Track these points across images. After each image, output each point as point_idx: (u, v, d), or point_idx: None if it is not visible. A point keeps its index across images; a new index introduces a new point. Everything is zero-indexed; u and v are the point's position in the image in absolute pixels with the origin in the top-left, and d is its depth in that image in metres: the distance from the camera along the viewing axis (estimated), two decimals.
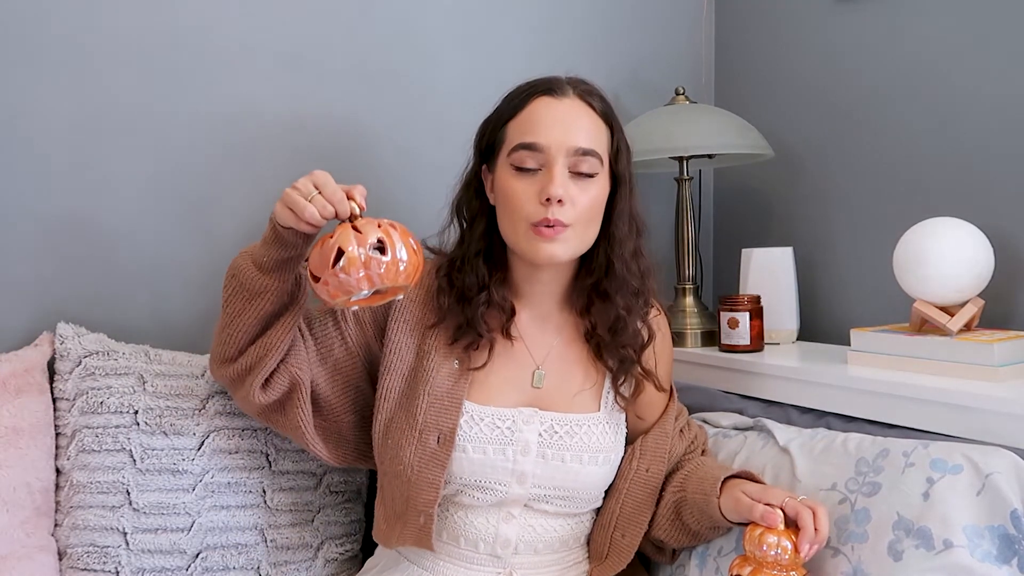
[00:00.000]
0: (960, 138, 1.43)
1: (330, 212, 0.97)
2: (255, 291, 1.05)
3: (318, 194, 0.98)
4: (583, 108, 1.12)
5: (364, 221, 0.97)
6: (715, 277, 1.92)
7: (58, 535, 1.23)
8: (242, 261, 1.07)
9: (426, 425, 1.11)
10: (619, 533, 1.18)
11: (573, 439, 1.14)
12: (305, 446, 1.18)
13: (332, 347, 1.17)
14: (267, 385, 1.11)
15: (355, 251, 0.93)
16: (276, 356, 1.09)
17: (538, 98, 1.12)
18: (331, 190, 0.98)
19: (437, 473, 1.10)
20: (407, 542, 1.13)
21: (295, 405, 1.14)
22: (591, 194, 1.11)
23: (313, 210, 0.96)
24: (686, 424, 1.27)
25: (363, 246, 0.94)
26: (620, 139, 1.15)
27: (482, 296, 1.15)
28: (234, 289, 1.07)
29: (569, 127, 1.10)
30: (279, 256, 1.03)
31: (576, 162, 1.09)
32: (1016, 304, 1.35)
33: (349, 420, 1.20)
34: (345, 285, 0.94)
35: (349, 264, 0.93)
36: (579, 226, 1.10)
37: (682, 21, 1.87)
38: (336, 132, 1.53)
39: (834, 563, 1.02)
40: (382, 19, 1.56)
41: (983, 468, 0.97)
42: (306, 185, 0.99)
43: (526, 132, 1.11)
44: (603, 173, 1.12)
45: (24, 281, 1.33)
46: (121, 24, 1.37)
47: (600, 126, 1.13)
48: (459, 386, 1.13)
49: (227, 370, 1.11)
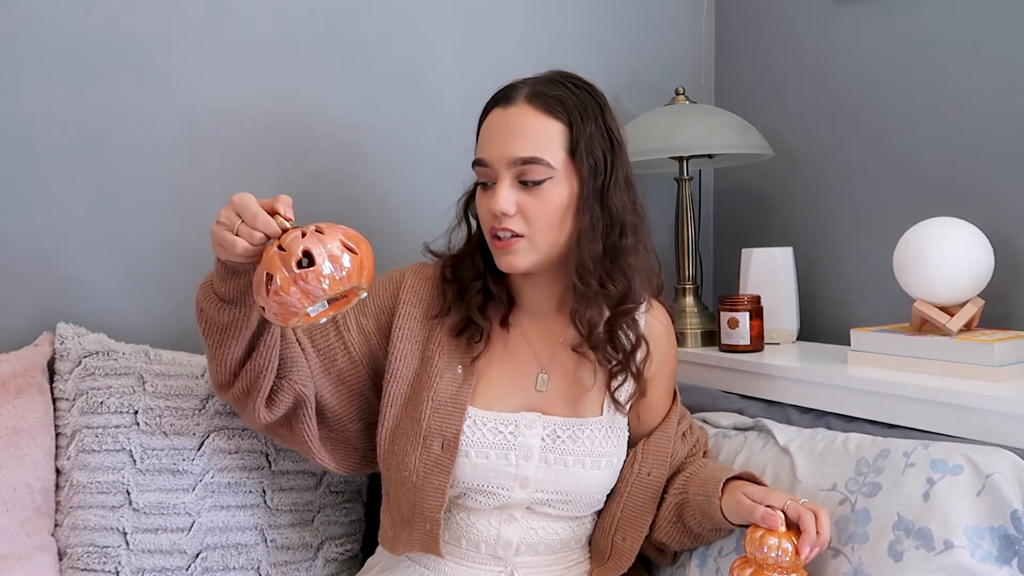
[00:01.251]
0: (960, 138, 1.43)
1: (259, 238, 0.93)
2: (225, 324, 1.03)
3: (241, 223, 0.93)
4: (529, 113, 1.08)
5: (289, 237, 0.91)
6: (715, 277, 1.92)
7: (58, 535, 1.23)
8: (203, 296, 1.04)
9: (430, 431, 1.11)
10: (620, 536, 1.17)
11: (576, 443, 1.13)
12: (312, 459, 1.18)
13: (335, 358, 1.16)
14: (271, 403, 1.10)
15: (283, 273, 0.89)
16: (270, 375, 1.08)
17: (492, 111, 1.12)
18: (251, 215, 0.92)
19: (442, 479, 1.10)
20: (415, 548, 1.13)
21: (301, 420, 1.14)
22: (546, 200, 1.07)
23: (242, 243, 0.92)
24: (688, 428, 1.26)
25: (288, 266, 0.89)
26: (585, 134, 1.08)
27: (477, 284, 1.15)
28: (205, 324, 1.05)
29: (510, 138, 1.08)
30: (236, 286, 1.00)
31: (521, 172, 1.07)
32: (1016, 304, 1.35)
33: (356, 428, 1.20)
34: (288, 307, 0.90)
35: (282, 287, 0.89)
36: (537, 235, 1.08)
37: (682, 21, 1.87)
38: (336, 132, 1.52)
39: (834, 564, 1.02)
40: (382, 19, 1.56)
41: (983, 468, 0.97)
42: (228, 216, 0.94)
43: (479, 148, 1.12)
44: (560, 175, 1.08)
45: (24, 281, 1.33)
46: (119, 25, 1.37)
47: (550, 127, 1.08)
48: (463, 391, 1.13)
49: (227, 394, 1.11)
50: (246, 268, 0.98)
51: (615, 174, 1.10)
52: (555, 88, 1.10)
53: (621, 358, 1.14)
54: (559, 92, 1.09)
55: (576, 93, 1.10)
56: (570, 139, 1.08)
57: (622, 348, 1.14)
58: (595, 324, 1.11)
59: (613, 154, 1.10)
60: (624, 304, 1.12)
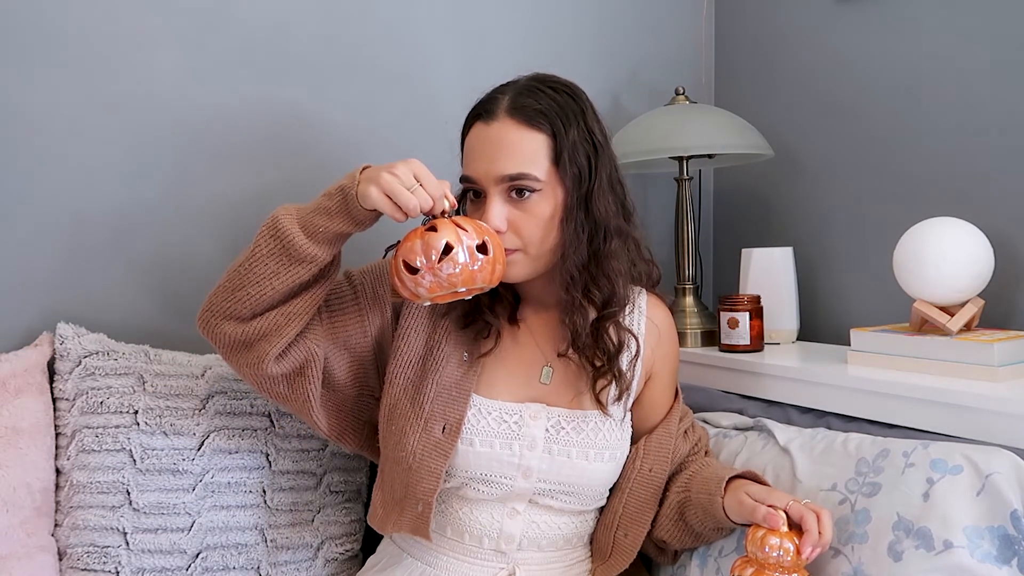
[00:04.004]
0: (960, 138, 1.43)
1: (429, 206, 0.97)
2: (299, 258, 1.01)
3: (419, 186, 0.97)
4: (512, 129, 1.07)
5: (463, 219, 0.99)
6: (715, 277, 1.92)
7: (58, 535, 1.23)
8: (288, 223, 1.01)
9: (432, 414, 1.11)
10: (622, 532, 1.18)
11: (580, 435, 1.14)
12: (306, 419, 1.16)
13: (347, 323, 1.14)
14: (281, 356, 1.07)
15: (462, 249, 0.95)
16: (297, 327, 1.05)
17: (473, 125, 1.12)
18: (434, 186, 0.98)
19: (439, 462, 1.10)
20: (403, 529, 1.12)
21: (307, 379, 1.11)
22: (535, 213, 1.08)
23: (416, 202, 0.96)
24: (691, 426, 1.26)
25: (468, 245, 0.95)
26: (568, 143, 1.07)
27: None
28: (272, 250, 1.01)
29: (495, 155, 1.07)
30: (339, 230, 1.01)
31: (509, 187, 1.08)
32: (1016, 304, 1.35)
33: (351, 394, 1.19)
34: (447, 281, 0.95)
35: (453, 261, 0.94)
36: (531, 246, 1.09)
37: (682, 21, 1.87)
38: (335, 132, 1.53)
39: (834, 564, 1.02)
40: (382, 19, 1.56)
41: (983, 468, 0.97)
42: (407, 175, 0.98)
43: (465, 163, 1.12)
44: (547, 187, 1.07)
45: (24, 281, 1.33)
46: (123, 22, 1.37)
47: (534, 140, 1.07)
48: (468, 378, 1.14)
49: (234, 329, 1.05)
50: (366, 222, 1.01)
51: (598, 179, 1.10)
52: (535, 97, 1.09)
53: (606, 360, 1.14)
54: (540, 102, 1.08)
55: (557, 99, 1.09)
56: (554, 149, 1.08)
57: (607, 350, 1.14)
58: (580, 329, 1.12)
59: (596, 158, 1.10)
60: (609, 308, 1.12)
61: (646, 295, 1.23)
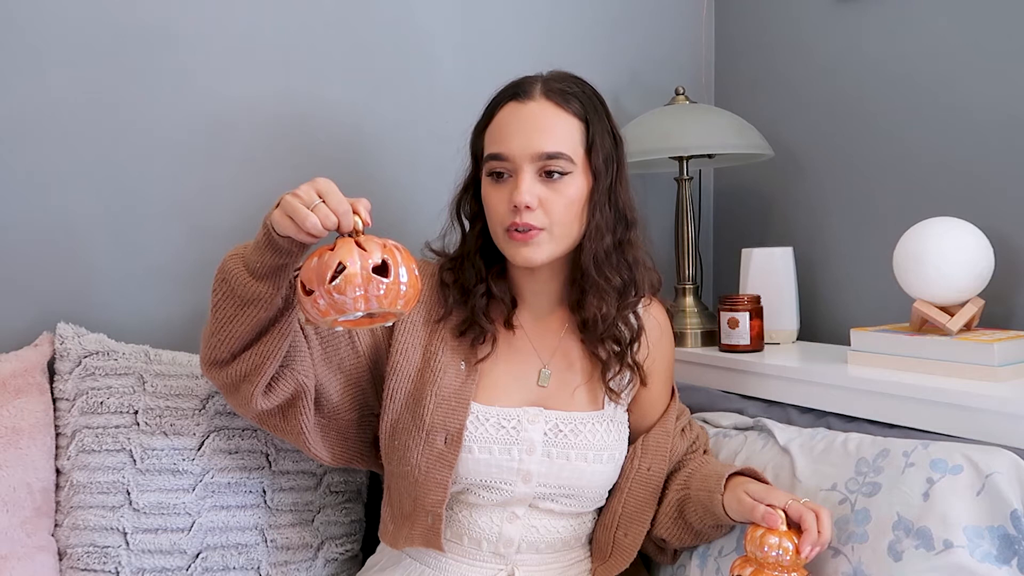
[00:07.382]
0: (960, 138, 1.43)
1: (333, 223, 0.91)
2: (247, 298, 0.99)
3: (321, 203, 0.91)
4: (549, 109, 1.10)
5: (367, 238, 0.90)
6: (715, 277, 1.92)
7: (58, 535, 1.23)
8: (232, 265, 1.00)
9: (433, 426, 1.11)
10: (622, 532, 1.18)
11: (578, 437, 1.14)
12: (304, 450, 1.17)
13: (339, 347, 1.15)
14: (269, 391, 1.07)
15: (356, 268, 0.86)
16: (275, 362, 1.04)
17: (506, 105, 1.12)
18: (336, 200, 0.91)
19: (445, 473, 1.10)
20: (415, 543, 1.13)
21: (299, 411, 1.11)
22: (565, 194, 1.10)
23: (315, 220, 0.90)
24: (688, 424, 1.27)
25: (365, 264, 0.87)
26: (598, 131, 1.12)
27: (480, 288, 1.16)
28: (224, 294, 1.01)
29: (533, 132, 1.09)
30: (272, 263, 0.96)
31: (544, 165, 1.09)
32: (1016, 304, 1.35)
33: (350, 418, 1.19)
34: (339, 304, 0.87)
35: (347, 282, 0.86)
36: (556, 227, 1.10)
37: (682, 21, 1.87)
38: (335, 132, 1.53)
39: (834, 563, 1.02)
40: (382, 19, 1.56)
41: (983, 468, 0.97)
42: (308, 192, 0.92)
43: (495, 141, 1.12)
44: (578, 170, 1.10)
45: (24, 281, 1.33)
46: (121, 22, 1.37)
47: (570, 123, 1.11)
48: (466, 386, 1.14)
49: (219, 374, 1.06)
50: (290, 250, 0.95)
51: (621, 171, 1.14)
52: (568, 84, 1.13)
53: (620, 349, 1.16)
54: (571, 89, 1.12)
55: (585, 90, 1.14)
56: (587, 136, 1.11)
57: (622, 339, 1.16)
58: (607, 316, 1.14)
59: (618, 152, 1.14)
60: (629, 297, 1.15)
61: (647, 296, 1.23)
